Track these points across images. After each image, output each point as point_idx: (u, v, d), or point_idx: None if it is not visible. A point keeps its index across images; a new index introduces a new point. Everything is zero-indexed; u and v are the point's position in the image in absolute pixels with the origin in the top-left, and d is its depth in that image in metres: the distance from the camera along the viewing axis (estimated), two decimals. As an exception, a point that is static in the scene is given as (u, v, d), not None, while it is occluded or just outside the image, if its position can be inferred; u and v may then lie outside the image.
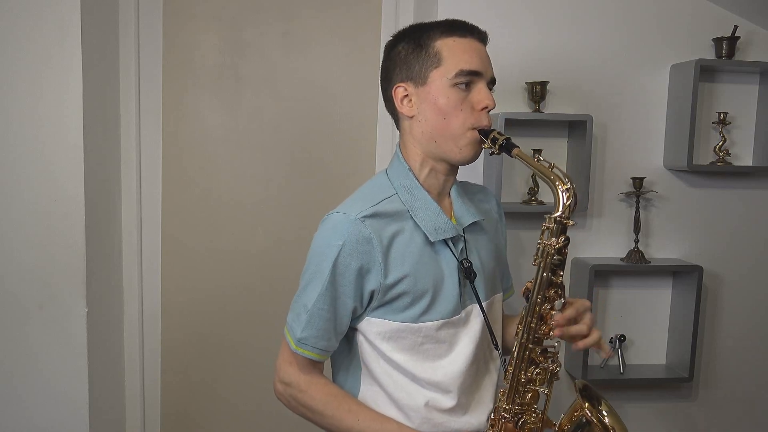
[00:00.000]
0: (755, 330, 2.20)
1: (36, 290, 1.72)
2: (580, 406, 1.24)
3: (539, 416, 1.24)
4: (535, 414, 1.23)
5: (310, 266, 1.22)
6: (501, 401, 1.23)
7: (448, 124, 1.21)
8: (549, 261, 1.17)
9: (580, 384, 1.29)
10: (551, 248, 1.17)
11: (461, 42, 1.22)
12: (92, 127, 1.75)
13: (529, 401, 1.22)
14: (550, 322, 1.19)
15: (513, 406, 1.22)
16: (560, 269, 1.19)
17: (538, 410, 1.24)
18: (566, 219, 1.16)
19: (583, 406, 1.24)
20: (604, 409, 1.25)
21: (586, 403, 1.25)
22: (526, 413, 1.23)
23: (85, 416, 1.77)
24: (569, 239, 1.18)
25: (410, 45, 1.24)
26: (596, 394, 1.28)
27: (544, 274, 1.18)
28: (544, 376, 1.22)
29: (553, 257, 1.17)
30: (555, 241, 1.16)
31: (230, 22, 2.06)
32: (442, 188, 1.30)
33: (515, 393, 1.22)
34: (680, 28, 2.04)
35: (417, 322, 1.21)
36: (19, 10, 1.63)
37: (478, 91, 1.22)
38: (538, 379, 1.22)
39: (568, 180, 1.16)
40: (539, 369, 1.22)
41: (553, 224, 1.16)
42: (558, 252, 1.17)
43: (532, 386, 1.22)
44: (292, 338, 1.23)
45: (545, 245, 1.17)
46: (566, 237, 1.17)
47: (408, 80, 1.24)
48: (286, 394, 1.26)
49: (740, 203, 2.14)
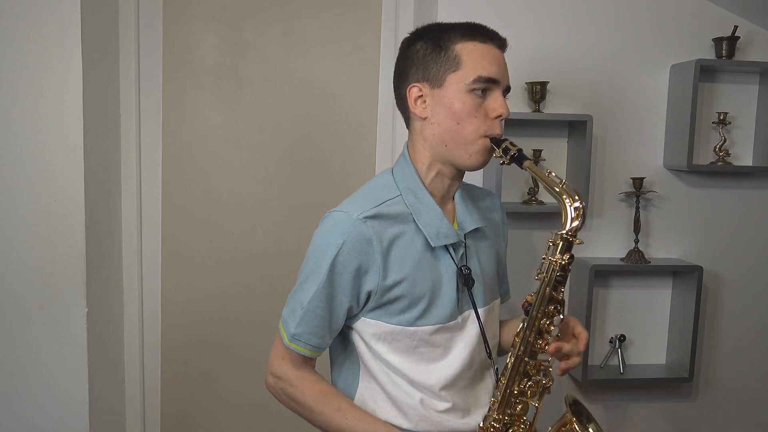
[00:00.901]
0: (755, 330, 2.20)
1: (36, 290, 1.72)
2: (569, 421, 1.24)
3: (527, 427, 1.23)
4: (524, 425, 1.23)
5: (308, 263, 1.22)
6: (492, 410, 1.23)
7: (461, 129, 1.20)
8: (552, 277, 1.16)
9: (571, 398, 1.29)
10: (556, 265, 1.16)
11: (481, 48, 1.20)
12: (92, 127, 1.75)
13: (519, 412, 1.22)
14: (548, 336, 1.19)
15: (503, 417, 1.22)
16: (562, 286, 1.18)
17: (527, 421, 1.24)
18: (573, 237, 1.15)
19: (572, 420, 1.24)
20: (591, 427, 1.25)
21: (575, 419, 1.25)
22: (515, 424, 1.23)
23: (85, 416, 1.77)
24: (573, 257, 1.17)
25: (429, 45, 1.22)
26: (586, 412, 1.28)
27: (546, 290, 1.17)
28: (536, 389, 1.22)
29: (556, 274, 1.16)
30: (560, 257, 1.15)
31: (230, 22, 2.06)
32: (447, 192, 1.29)
33: (506, 404, 1.21)
34: (680, 28, 2.04)
35: (412, 326, 1.20)
36: (19, 10, 1.63)
37: (494, 99, 1.21)
38: (529, 392, 1.21)
39: (578, 198, 1.14)
40: (532, 382, 1.21)
41: (559, 241, 1.15)
42: (562, 269, 1.16)
43: (524, 398, 1.21)
44: (286, 333, 1.23)
45: (550, 261, 1.16)
46: (571, 255, 1.16)
47: (424, 81, 1.22)
48: (277, 387, 1.27)
49: (740, 203, 2.14)
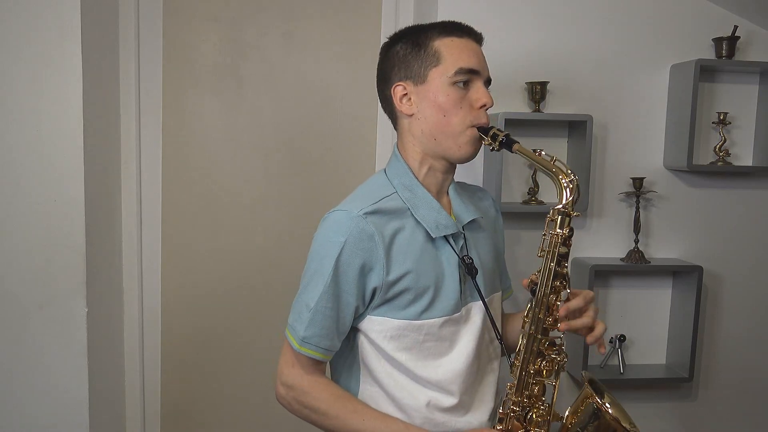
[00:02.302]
0: (755, 330, 2.20)
1: (36, 290, 1.72)
2: (590, 395, 1.24)
3: (547, 409, 1.24)
4: (543, 407, 1.24)
5: (311, 264, 1.22)
6: (510, 394, 1.23)
7: (448, 121, 1.22)
8: (556, 251, 1.18)
9: (588, 376, 1.29)
10: (558, 238, 1.18)
11: (459, 42, 1.24)
12: (92, 127, 1.75)
13: (537, 394, 1.23)
14: (556, 312, 1.20)
15: (522, 399, 1.22)
16: (565, 260, 1.20)
17: (546, 403, 1.24)
18: (570, 210, 1.17)
19: (593, 394, 1.23)
20: (607, 401, 1.25)
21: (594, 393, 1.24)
22: (534, 407, 1.23)
23: (85, 416, 1.77)
24: (573, 230, 1.19)
25: (408, 45, 1.26)
26: (600, 388, 1.28)
27: (551, 265, 1.18)
28: (551, 368, 1.23)
29: (559, 247, 1.18)
30: (561, 231, 1.18)
31: (230, 23, 2.06)
32: (441, 186, 1.30)
33: (523, 386, 1.22)
34: (680, 28, 2.03)
35: (419, 320, 1.21)
36: (19, 10, 1.63)
37: (477, 90, 1.24)
38: (545, 371, 1.22)
39: (570, 172, 1.17)
40: (546, 360, 1.22)
41: (557, 216, 1.18)
42: (564, 243, 1.18)
43: (540, 378, 1.22)
44: (294, 338, 1.22)
45: (551, 235, 1.18)
46: (570, 228, 1.18)
47: (407, 79, 1.25)
48: (289, 397, 1.25)
49: (740, 203, 2.14)
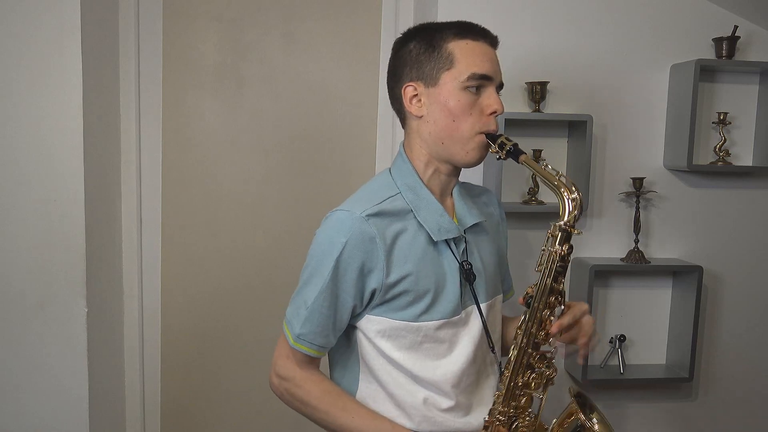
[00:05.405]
0: (755, 330, 2.20)
1: (36, 290, 1.72)
2: (575, 411, 1.25)
3: (533, 420, 1.24)
4: (529, 418, 1.24)
5: (311, 262, 1.22)
6: (497, 403, 1.24)
7: (457, 126, 1.21)
8: (553, 268, 1.17)
9: (575, 390, 1.30)
10: (556, 255, 1.17)
11: (474, 45, 1.22)
12: (92, 127, 1.75)
13: (524, 405, 1.23)
14: (549, 327, 1.20)
15: (508, 409, 1.22)
16: (562, 276, 1.19)
17: (532, 414, 1.25)
18: (571, 227, 1.16)
19: (578, 411, 1.24)
20: (595, 417, 1.25)
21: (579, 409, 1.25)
22: (520, 417, 1.23)
23: (86, 415, 1.77)
24: (573, 248, 1.18)
25: (422, 45, 1.23)
26: (589, 403, 1.29)
27: (547, 281, 1.18)
28: (540, 381, 1.23)
29: (556, 264, 1.17)
30: (560, 248, 1.17)
31: (230, 23, 2.06)
32: (445, 188, 1.30)
33: (511, 396, 1.22)
34: (680, 28, 2.04)
35: (417, 321, 1.21)
36: (19, 10, 1.63)
37: (488, 96, 1.23)
38: (534, 384, 1.22)
39: (575, 189, 1.16)
40: (536, 374, 1.22)
41: (558, 232, 1.17)
42: (562, 260, 1.17)
43: (528, 390, 1.22)
44: (290, 333, 1.23)
45: (550, 252, 1.18)
46: (570, 245, 1.17)
47: (418, 80, 1.23)
48: (281, 388, 1.27)
49: (740, 203, 2.14)
